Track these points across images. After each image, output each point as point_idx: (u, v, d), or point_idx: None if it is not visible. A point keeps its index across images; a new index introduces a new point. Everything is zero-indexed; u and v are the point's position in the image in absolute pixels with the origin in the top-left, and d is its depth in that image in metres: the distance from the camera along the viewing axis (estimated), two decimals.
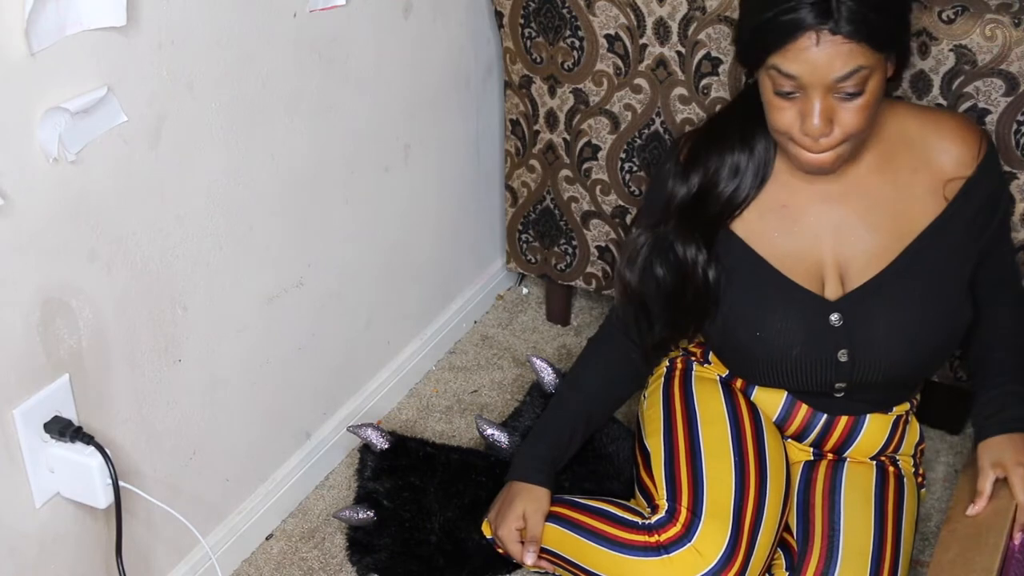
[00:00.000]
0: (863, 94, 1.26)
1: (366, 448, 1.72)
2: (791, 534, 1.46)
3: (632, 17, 1.71)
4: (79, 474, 1.27)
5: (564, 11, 1.77)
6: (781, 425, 1.54)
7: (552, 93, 1.87)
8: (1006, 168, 1.56)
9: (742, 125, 1.41)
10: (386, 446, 1.69)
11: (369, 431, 1.70)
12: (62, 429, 1.26)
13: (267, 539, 1.69)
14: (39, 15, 1.08)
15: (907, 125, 1.40)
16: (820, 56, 1.22)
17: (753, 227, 1.43)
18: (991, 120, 1.53)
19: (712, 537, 1.35)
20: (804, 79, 1.25)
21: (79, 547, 1.36)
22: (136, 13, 1.21)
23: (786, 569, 1.43)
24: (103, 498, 1.28)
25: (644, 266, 1.46)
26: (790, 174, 1.41)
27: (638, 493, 1.52)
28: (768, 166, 1.41)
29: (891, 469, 1.52)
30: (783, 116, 1.30)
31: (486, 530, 1.57)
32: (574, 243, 2.01)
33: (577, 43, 1.79)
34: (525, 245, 2.08)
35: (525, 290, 2.29)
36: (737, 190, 1.41)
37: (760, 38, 1.27)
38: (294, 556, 1.66)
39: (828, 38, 1.22)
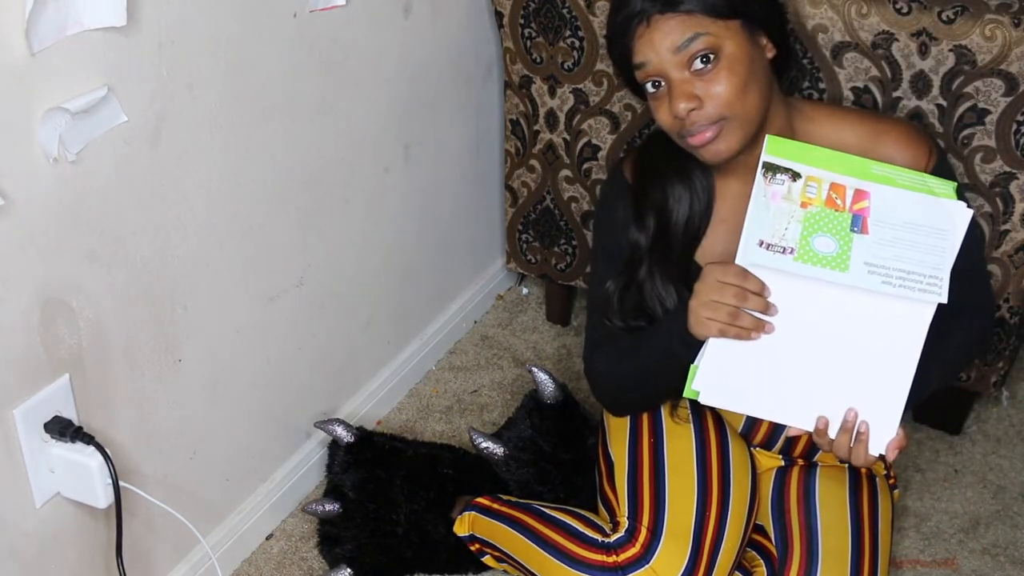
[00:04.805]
0: (718, 60, 1.25)
1: (334, 443, 1.72)
2: (769, 540, 1.46)
3: None
4: (79, 474, 1.27)
5: (564, 11, 1.77)
6: (747, 434, 1.53)
7: (552, 93, 1.87)
8: (1006, 168, 1.56)
9: (670, 155, 1.39)
10: (352, 440, 1.70)
11: (335, 426, 1.71)
12: (62, 429, 1.26)
13: (267, 539, 1.69)
14: (39, 15, 1.08)
15: (843, 134, 1.36)
16: (656, 34, 1.25)
17: (706, 250, 1.41)
18: (991, 120, 1.53)
19: (670, 559, 1.34)
20: (654, 63, 1.27)
21: (79, 547, 1.36)
22: (136, 13, 1.21)
23: (768, 575, 1.43)
24: (103, 498, 1.29)
25: (625, 310, 1.42)
26: (726, 188, 1.39)
27: (600, 505, 1.51)
28: (712, 189, 1.39)
29: (863, 471, 1.52)
30: (662, 113, 1.30)
31: (458, 527, 1.58)
32: (574, 243, 2.01)
33: (577, 43, 1.79)
34: (525, 245, 2.08)
35: (525, 290, 2.29)
36: (690, 218, 1.39)
37: (614, 47, 1.32)
38: (294, 556, 1.66)
39: (658, 19, 1.25)
